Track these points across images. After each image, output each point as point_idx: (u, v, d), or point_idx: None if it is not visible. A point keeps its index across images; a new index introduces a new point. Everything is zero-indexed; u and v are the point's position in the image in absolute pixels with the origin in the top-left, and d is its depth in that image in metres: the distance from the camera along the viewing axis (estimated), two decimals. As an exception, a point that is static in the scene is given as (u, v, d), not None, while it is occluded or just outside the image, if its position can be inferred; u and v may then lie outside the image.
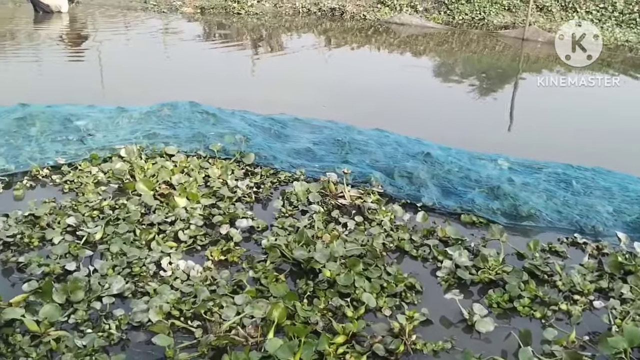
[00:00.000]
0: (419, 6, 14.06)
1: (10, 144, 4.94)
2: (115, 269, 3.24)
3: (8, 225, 3.64)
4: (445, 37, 12.68)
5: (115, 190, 4.31)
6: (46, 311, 2.84)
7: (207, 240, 3.63)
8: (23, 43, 10.53)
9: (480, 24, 13.33)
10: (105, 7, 14.28)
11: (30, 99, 5.90)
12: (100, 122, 5.47)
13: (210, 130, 5.42)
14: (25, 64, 9.02)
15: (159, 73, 8.61)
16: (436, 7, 14.04)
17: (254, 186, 4.42)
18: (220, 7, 14.33)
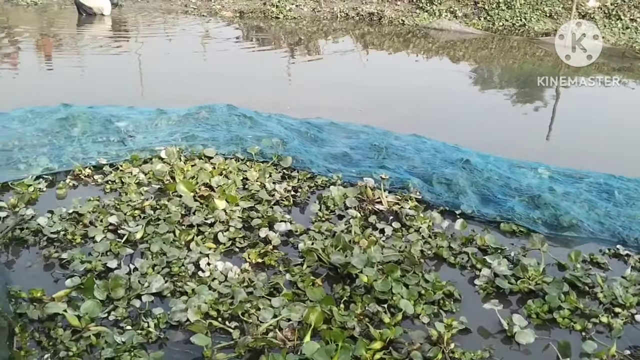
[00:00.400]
0: (459, 12, 13.93)
1: (53, 144, 5.03)
2: (155, 268, 3.29)
3: (52, 221, 3.73)
4: (484, 43, 12.52)
5: (156, 191, 4.36)
6: (87, 307, 2.90)
7: (246, 243, 3.65)
8: (66, 44, 10.80)
9: (521, 30, 13.11)
10: (147, 10, 14.56)
11: (73, 99, 6.03)
12: (139, 124, 5.55)
13: (247, 133, 5.45)
14: (68, 65, 9.24)
15: (197, 75, 8.72)
16: (476, 13, 13.89)
17: (291, 190, 4.43)
18: (258, 11, 14.46)
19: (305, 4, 14.98)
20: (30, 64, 9.14)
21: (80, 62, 9.50)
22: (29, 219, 3.75)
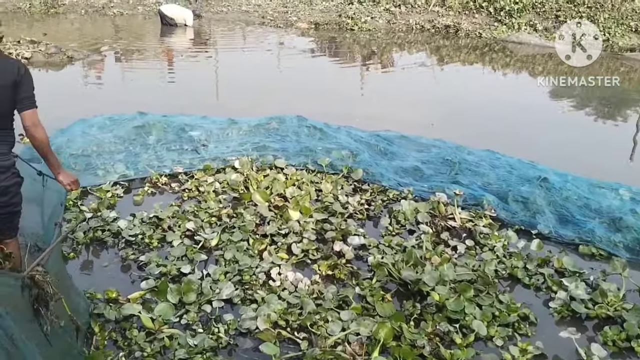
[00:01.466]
0: (539, 25, 13.51)
1: (129, 151, 5.19)
2: (227, 275, 3.33)
3: (132, 225, 3.86)
4: (565, 58, 12.04)
5: (231, 200, 4.43)
6: (161, 309, 2.99)
7: (319, 255, 3.64)
8: (147, 53, 11.25)
9: (605, 45, 12.55)
10: (226, 22, 14.99)
11: (149, 108, 6.22)
12: (211, 133, 5.65)
13: (317, 144, 5.45)
14: (147, 73, 9.61)
15: (269, 86, 8.85)
16: (557, 27, 13.42)
17: (364, 203, 4.40)
18: (334, 23, 14.60)
19: (381, 16, 15.00)
20: (113, 72, 9.56)
21: (158, 71, 9.84)
22: (110, 221, 3.90)
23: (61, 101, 6.91)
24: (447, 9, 15.05)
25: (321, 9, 16.16)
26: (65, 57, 9.49)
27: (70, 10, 15.10)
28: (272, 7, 16.51)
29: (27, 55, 9.17)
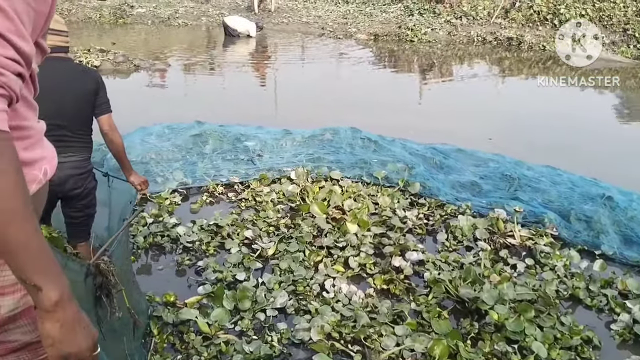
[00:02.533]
0: (606, 39, 13.09)
1: (186, 160, 5.29)
2: (281, 284, 3.35)
3: (191, 231, 3.95)
4: (633, 73, 11.63)
5: (288, 210, 4.46)
6: (217, 314, 3.04)
7: (376, 270, 3.60)
8: (208, 63, 11.54)
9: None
10: (287, 33, 15.25)
11: (207, 117, 6.36)
12: (266, 144, 5.71)
13: (371, 157, 5.42)
14: (207, 83, 9.86)
15: (325, 97, 8.93)
16: (625, 40, 12.98)
17: (423, 217, 4.34)
18: (393, 34, 14.62)
19: (441, 28, 14.91)
20: (176, 81, 9.84)
21: (219, 81, 10.08)
22: (170, 227, 4.00)
23: (124, 108, 7.12)
24: (509, 21, 14.83)
25: (381, 20, 16.22)
26: (132, 66, 9.88)
27: (137, 20, 15.71)
28: (332, 19, 16.69)
29: (97, 63, 9.58)
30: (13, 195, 0.94)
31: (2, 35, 0.93)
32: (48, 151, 1.24)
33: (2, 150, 0.93)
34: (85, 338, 1.05)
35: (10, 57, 0.94)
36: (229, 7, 18.31)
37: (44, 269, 0.98)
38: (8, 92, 0.95)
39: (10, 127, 1.10)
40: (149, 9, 16.60)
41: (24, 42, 0.97)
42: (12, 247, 0.96)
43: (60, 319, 1.00)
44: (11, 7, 0.94)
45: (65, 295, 1.01)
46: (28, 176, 1.13)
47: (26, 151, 1.14)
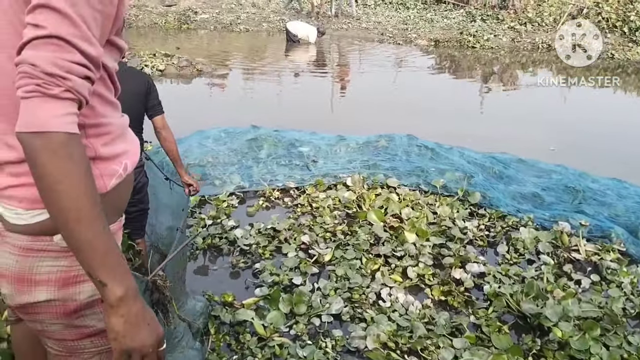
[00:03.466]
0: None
1: (241, 164, 5.35)
2: (337, 291, 3.34)
3: (249, 234, 4.00)
4: None
5: (345, 217, 4.44)
6: (272, 317, 3.06)
7: (435, 281, 3.53)
8: (268, 68, 11.71)
9: None
10: (346, 38, 15.28)
11: (262, 121, 6.44)
12: (320, 149, 5.70)
13: (428, 164, 5.32)
14: (265, 88, 9.98)
15: (381, 102, 8.88)
16: None
17: (484, 229, 4.24)
18: (454, 40, 14.42)
19: (504, 34, 14.61)
20: (236, 85, 9.99)
21: (277, 86, 10.20)
22: (228, 229, 4.08)
23: (185, 112, 7.35)
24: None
25: (442, 26, 16.04)
26: (194, 70, 10.13)
27: (201, 26, 16.10)
28: (392, 24, 16.64)
29: (161, 67, 9.88)
30: (80, 196, 0.98)
31: (68, 41, 0.97)
32: (130, 145, 1.30)
33: (70, 151, 0.97)
34: (149, 334, 1.07)
35: (76, 61, 0.98)
36: (290, 13, 18.51)
37: (109, 266, 1.02)
38: (76, 96, 0.99)
39: (88, 125, 1.15)
40: (212, 14, 16.99)
41: (90, 46, 1.01)
42: (78, 244, 1.01)
43: (124, 314, 1.04)
44: (76, 13, 0.98)
45: (129, 292, 1.04)
46: (107, 170, 1.20)
47: (105, 147, 1.20)
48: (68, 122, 0.97)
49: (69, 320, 1.22)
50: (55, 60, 0.96)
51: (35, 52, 0.96)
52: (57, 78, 0.96)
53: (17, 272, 1.19)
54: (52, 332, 1.26)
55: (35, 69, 0.95)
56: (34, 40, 0.97)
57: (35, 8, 0.97)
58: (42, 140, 0.95)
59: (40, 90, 0.95)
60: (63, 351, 1.30)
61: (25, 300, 1.20)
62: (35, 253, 1.16)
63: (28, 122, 0.96)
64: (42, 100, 0.95)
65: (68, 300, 1.19)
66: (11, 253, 1.19)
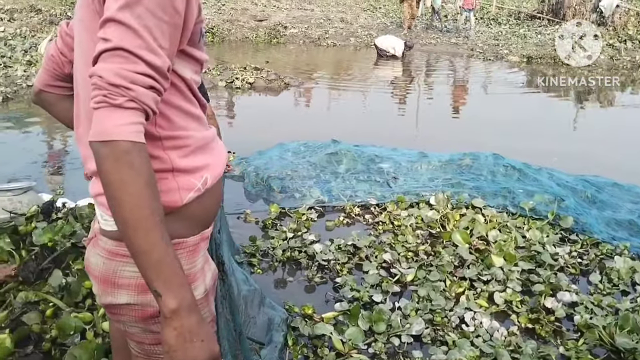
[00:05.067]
0: None
1: (319, 177, 5.36)
2: (418, 312, 3.29)
3: (328, 250, 4.01)
4: None
5: (427, 236, 4.37)
6: (351, 333, 3.04)
7: (524, 308, 3.39)
8: (353, 82, 11.79)
9: None
10: (434, 53, 15.17)
11: (342, 135, 6.46)
12: (401, 166, 5.62)
13: (515, 185, 5.12)
14: (347, 101, 10.05)
15: (467, 119, 8.74)
16: None
17: (576, 255, 4.03)
18: (548, 57, 13.96)
19: (602, 51, 13.95)
20: (321, 99, 10.14)
21: (359, 100, 10.25)
22: (308, 243, 4.11)
23: (269, 124, 7.57)
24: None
25: (535, 42, 15.59)
26: (282, 84, 10.39)
27: (290, 40, 16.53)
28: (483, 40, 16.38)
29: (251, 80, 10.21)
30: (138, 204, 1.02)
31: (132, 52, 1.02)
32: (213, 158, 1.31)
33: (131, 159, 1.01)
34: (202, 351, 1.07)
35: (140, 71, 1.03)
36: (377, 27, 18.62)
37: (165, 277, 1.03)
38: (140, 105, 1.03)
39: (164, 137, 1.20)
40: (301, 29, 17.39)
41: (155, 56, 1.05)
42: (135, 252, 1.04)
43: (177, 327, 1.05)
44: (141, 25, 1.03)
45: (184, 305, 1.05)
46: (185, 184, 1.23)
47: (183, 159, 1.23)
48: (132, 130, 1.01)
49: (146, 324, 1.28)
50: (119, 71, 1.01)
51: (103, 64, 1.03)
52: (121, 88, 1.01)
53: (103, 273, 1.26)
54: (132, 334, 1.33)
55: (102, 80, 1.01)
56: (102, 54, 1.03)
57: (105, 23, 1.04)
58: (107, 148, 1.00)
59: (106, 101, 1.01)
60: (141, 353, 1.36)
61: (108, 301, 1.28)
62: (120, 258, 1.23)
63: (97, 131, 1.01)
64: (109, 110, 1.01)
65: (146, 306, 1.24)
66: (100, 255, 1.27)
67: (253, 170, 5.52)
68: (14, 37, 12.10)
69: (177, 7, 1.09)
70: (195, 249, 1.29)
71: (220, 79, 10.31)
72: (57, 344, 2.69)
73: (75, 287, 2.96)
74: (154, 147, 1.17)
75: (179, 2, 1.09)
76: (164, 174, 1.20)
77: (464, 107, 10.02)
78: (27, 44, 11.56)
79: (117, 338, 1.60)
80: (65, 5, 15.77)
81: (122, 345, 1.47)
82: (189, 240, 1.27)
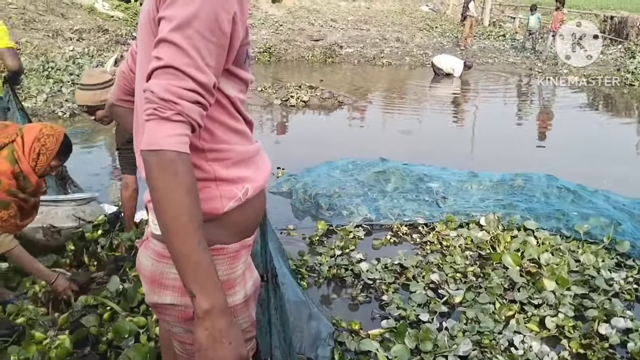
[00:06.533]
0: None
1: (367, 195, 5.36)
2: (466, 333, 3.25)
3: (375, 269, 4.02)
4: None
5: (476, 258, 4.31)
6: (397, 350, 3.05)
7: (576, 334, 3.29)
8: (407, 100, 11.77)
9: None
10: (492, 72, 14.99)
11: (391, 153, 6.49)
12: (450, 185, 5.57)
13: (569, 208, 4.98)
14: (399, 120, 10.01)
15: (519, 138, 8.59)
16: None
17: (632, 281, 3.89)
18: (609, 77, 13.58)
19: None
20: (373, 117, 10.16)
21: (411, 119, 10.22)
22: (355, 262, 4.12)
23: (320, 142, 7.66)
24: None
25: (596, 62, 15.15)
26: (336, 102, 10.50)
27: (345, 60, 16.69)
28: (542, 59, 16.06)
29: (305, 98, 10.38)
30: (179, 211, 1.10)
31: (181, 70, 1.12)
32: (255, 172, 1.39)
33: (176, 168, 1.09)
34: (230, 352, 1.13)
35: (187, 87, 1.12)
36: (434, 47, 18.56)
37: (200, 280, 1.10)
38: (186, 119, 1.12)
39: (207, 149, 1.29)
40: (357, 49, 17.53)
41: (202, 74, 1.14)
42: (174, 255, 1.11)
43: (208, 327, 1.11)
44: (190, 45, 1.12)
45: (216, 307, 1.11)
46: (227, 193, 1.31)
47: (225, 170, 1.31)
48: (178, 141, 1.10)
49: (188, 325, 1.36)
50: (168, 87, 1.11)
51: (155, 80, 1.13)
52: (169, 103, 1.10)
53: (151, 273, 1.36)
54: (175, 334, 1.42)
55: (153, 95, 1.11)
56: (155, 71, 1.13)
57: (158, 43, 1.14)
58: (155, 157, 1.09)
59: (156, 114, 1.10)
60: (183, 352, 1.45)
61: (155, 300, 1.37)
62: (167, 260, 1.31)
63: (147, 141, 1.11)
64: (158, 122, 1.10)
65: (188, 307, 1.31)
66: (150, 256, 1.37)
67: (301, 187, 5.60)
68: (82, 56, 12.73)
69: (224, 29, 1.17)
70: (235, 255, 1.37)
71: (276, 97, 10.52)
72: (112, 346, 2.82)
73: (131, 293, 3.11)
74: (198, 158, 1.26)
75: (225, 24, 1.17)
76: (207, 183, 1.29)
77: (519, 126, 9.83)
78: (94, 63, 12.14)
79: (166, 338, 1.69)
80: (130, 26, 16.49)
81: (170, 345, 1.56)
82: (230, 247, 1.35)
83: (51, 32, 14.02)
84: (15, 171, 2.72)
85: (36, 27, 14.04)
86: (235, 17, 1.19)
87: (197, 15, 1.12)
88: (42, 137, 2.80)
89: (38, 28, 14.02)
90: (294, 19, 20.94)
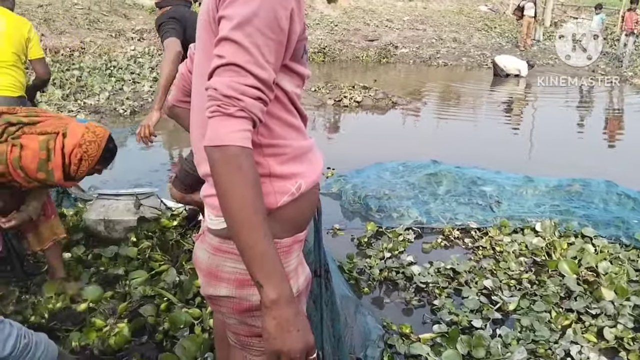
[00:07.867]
0: None
1: (417, 198, 5.28)
2: (520, 341, 3.18)
3: (427, 272, 3.97)
4: None
5: (531, 264, 4.20)
6: (449, 356, 2.99)
7: (636, 346, 3.17)
8: (462, 101, 11.59)
9: None
10: (552, 73, 14.59)
11: (444, 156, 6.39)
12: (504, 189, 5.43)
13: (629, 215, 4.79)
14: (455, 122, 9.87)
15: (578, 142, 8.32)
16: None
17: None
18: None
19: None
20: (427, 118, 10.04)
21: (468, 120, 10.05)
22: (406, 264, 4.08)
23: (371, 143, 7.62)
24: None
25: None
26: (389, 102, 10.45)
27: (400, 60, 16.61)
28: (605, 62, 15.53)
29: (359, 99, 10.38)
30: (244, 204, 1.13)
31: (243, 67, 1.15)
32: (308, 167, 1.42)
33: (240, 163, 1.13)
34: (298, 340, 1.14)
35: (249, 84, 1.15)
36: (492, 47, 18.21)
37: (266, 271, 1.13)
38: (249, 115, 1.15)
39: (265, 144, 1.32)
40: (412, 49, 17.41)
41: (262, 70, 1.16)
42: (241, 247, 1.14)
43: (276, 316, 1.13)
44: (251, 42, 1.15)
45: (283, 297, 1.13)
46: (280, 188, 1.34)
47: (280, 165, 1.34)
48: (241, 137, 1.13)
49: (242, 317, 1.40)
50: (231, 84, 1.14)
51: (218, 78, 1.16)
52: (232, 99, 1.13)
53: (207, 266, 1.39)
54: (229, 325, 1.46)
55: (217, 92, 1.14)
56: (217, 69, 1.17)
57: (219, 41, 1.18)
58: (220, 152, 1.13)
59: (220, 110, 1.14)
60: (237, 344, 1.49)
61: (210, 292, 1.40)
62: (222, 253, 1.35)
63: (211, 137, 1.14)
64: (222, 119, 1.14)
65: (243, 300, 1.35)
66: (206, 250, 1.40)
67: (351, 188, 5.58)
68: (142, 55, 13.16)
69: (282, 26, 1.20)
70: (288, 250, 1.39)
71: (329, 97, 10.56)
72: (168, 336, 2.92)
73: (187, 285, 3.21)
74: (255, 153, 1.28)
75: (284, 21, 1.20)
76: (262, 178, 1.31)
77: (579, 131, 9.53)
78: (154, 62, 12.54)
79: (220, 329, 1.74)
80: (189, 26, 16.90)
81: (223, 336, 1.61)
82: (283, 242, 1.37)
83: (114, 32, 14.56)
84: (41, 156, 2.62)
85: (100, 27, 14.60)
86: (292, 13, 1.22)
87: (257, 13, 1.15)
88: (84, 144, 2.73)
89: (102, 28, 14.58)
90: (349, 19, 20.96)
